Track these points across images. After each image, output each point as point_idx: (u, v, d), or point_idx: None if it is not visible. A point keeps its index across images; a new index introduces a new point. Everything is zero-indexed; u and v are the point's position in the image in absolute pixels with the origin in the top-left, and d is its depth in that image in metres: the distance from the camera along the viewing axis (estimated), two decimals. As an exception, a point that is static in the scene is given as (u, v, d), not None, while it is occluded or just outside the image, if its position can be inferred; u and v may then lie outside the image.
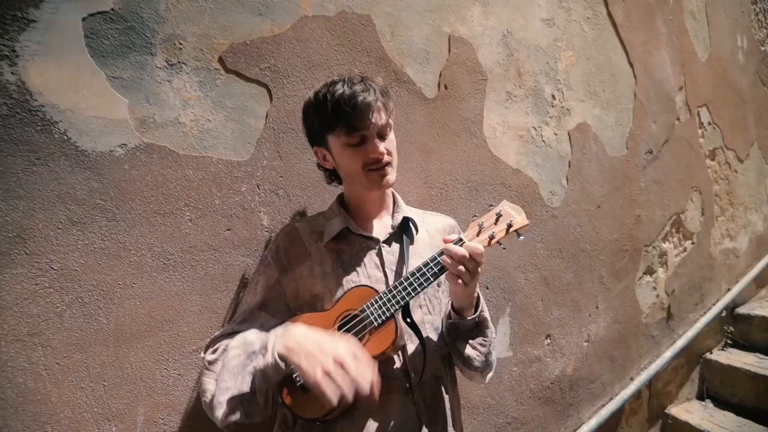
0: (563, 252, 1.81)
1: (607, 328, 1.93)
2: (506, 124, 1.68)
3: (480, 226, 0.91)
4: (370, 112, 0.91)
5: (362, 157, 0.95)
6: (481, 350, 0.99)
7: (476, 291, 0.95)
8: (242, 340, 0.89)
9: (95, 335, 1.01)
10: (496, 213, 0.91)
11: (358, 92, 0.91)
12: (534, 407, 1.70)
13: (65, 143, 0.98)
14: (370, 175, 0.97)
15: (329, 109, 0.92)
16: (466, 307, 0.95)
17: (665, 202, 2.21)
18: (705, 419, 2.12)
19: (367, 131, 0.93)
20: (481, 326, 0.99)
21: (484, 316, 1.00)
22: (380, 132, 0.96)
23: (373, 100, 0.92)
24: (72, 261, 0.99)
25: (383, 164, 0.96)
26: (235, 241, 1.15)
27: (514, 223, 0.90)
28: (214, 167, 1.13)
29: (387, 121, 0.96)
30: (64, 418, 0.98)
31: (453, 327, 0.98)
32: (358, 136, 0.94)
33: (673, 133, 2.28)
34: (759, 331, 2.42)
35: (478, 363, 0.98)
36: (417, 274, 0.89)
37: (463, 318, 0.96)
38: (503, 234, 0.90)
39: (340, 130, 0.93)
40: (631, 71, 2.11)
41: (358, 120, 0.91)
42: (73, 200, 0.99)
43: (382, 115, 0.94)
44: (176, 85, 1.10)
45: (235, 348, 0.88)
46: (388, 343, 0.86)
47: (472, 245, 0.85)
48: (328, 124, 0.95)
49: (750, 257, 2.70)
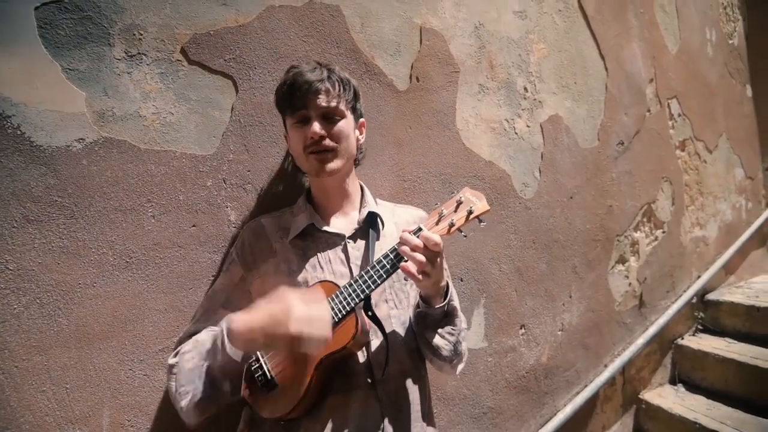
0: (536, 243, 1.83)
1: (580, 317, 1.97)
2: (479, 117, 1.68)
3: (440, 215, 0.89)
4: (311, 93, 0.93)
5: (302, 137, 0.96)
6: (450, 339, 0.97)
7: (444, 280, 0.94)
8: (194, 342, 0.90)
9: (55, 337, 0.98)
10: (457, 200, 0.90)
11: (305, 71, 0.94)
12: (509, 396, 1.72)
13: (19, 138, 0.94)
14: (309, 159, 0.97)
15: (280, 91, 0.98)
16: (433, 296, 0.93)
17: (636, 192, 2.26)
18: (677, 403, 2.18)
19: (307, 111, 0.95)
20: (450, 315, 0.98)
21: (453, 305, 0.98)
22: (325, 114, 0.96)
23: (316, 80, 0.93)
24: (29, 260, 0.95)
25: (322, 148, 0.95)
26: (201, 237, 1.13)
27: (474, 210, 0.88)
28: (177, 162, 1.10)
29: (335, 105, 0.96)
30: (25, 422, 0.94)
31: (421, 316, 0.97)
32: (300, 116, 0.97)
33: (643, 124, 2.32)
34: (728, 316, 2.51)
35: (446, 352, 0.97)
36: (377, 266, 0.87)
37: (431, 307, 0.94)
38: (463, 221, 0.88)
39: (289, 111, 0.98)
40: (602, 63, 2.14)
41: (298, 99, 0.94)
42: (28, 197, 0.95)
43: (325, 97, 0.95)
44: (136, 77, 1.06)
45: (188, 352, 0.88)
46: (349, 338, 0.84)
47: (428, 234, 0.83)
48: (281, 105, 1.01)
49: (719, 245, 2.79)
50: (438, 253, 0.84)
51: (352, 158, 1.04)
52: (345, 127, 0.99)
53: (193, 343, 0.90)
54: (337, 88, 0.96)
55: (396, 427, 0.92)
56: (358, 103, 1.05)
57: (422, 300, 0.96)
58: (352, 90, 1.02)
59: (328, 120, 0.96)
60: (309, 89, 0.93)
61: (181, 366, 0.87)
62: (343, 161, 0.99)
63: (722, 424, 1.95)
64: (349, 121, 1.01)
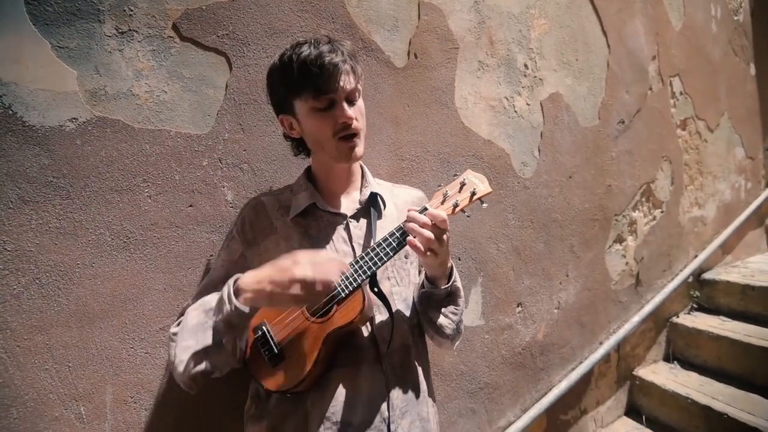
0: (534, 222, 1.83)
1: (577, 296, 1.99)
2: (478, 95, 1.66)
3: (444, 195, 0.92)
4: (338, 74, 0.87)
5: (331, 122, 0.91)
6: (453, 318, 1.01)
7: (449, 262, 0.96)
8: (200, 302, 0.91)
9: (56, 316, 0.99)
10: (460, 182, 0.92)
11: (325, 53, 0.87)
12: (506, 372, 1.75)
13: (11, 118, 0.93)
14: (339, 145, 0.93)
15: (295, 72, 0.88)
16: (439, 277, 0.97)
17: (636, 171, 2.25)
18: (670, 379, 2.22)
19: (335, 94, 0.89)
20: (453, 296, 1.02)
21: (457, 286, 1.01)
22: (348, 97, 0.92)
23: (341, 61, 0.88)
24: (26, 241, 0.95)
25: (353, 132, 0.93)
26: (198, 217, 1.13)
27: (477, 192, 0.90)
28: (172, 141, 1.09)
29: (355, 86, 0.93)
30: (29, 400, 0.96)
31: (426, 296, 1.00)
32: (327, 100, 0.90)
33: (645, 102, 2.29)
34: (723, 295, 2.53)
35: (449, 331, 1.01)
36: (383, 244, 0.89)
37: (436, 287, 0.97)
38: (467, 202, 0.91)
39: (308, 94, 0.89)
40: (604, 40, 2.09)
41: (326, 82, 0.87)
42: (23, 178, 0.95)
43: (350, 78, 0.91)
44: (128, 55, 1.04)
45: (193, 310, 0.89)
46: (356, 313, 0.86)
47: (434, 212, 0.85)
48: (294, 87, 0.90)
49: (717, 225, 2.79)
50: (444, 230, 0.86)
51: None
52: (362, 107, 0.97)
53: (199, 303, 0.91)
54: (356, 67, 0.92)
55: (402, 399, 0.94)
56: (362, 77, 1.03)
57: (428, 280, 0.99)
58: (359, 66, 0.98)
59: (350, 101, 0.93)
60: (336, 72, 0.87)
61: (185, 323, 0.88)
62: (365, 143, 0.98)
63: (714, 399, 1.99)
64: (362, 98, 0.98)
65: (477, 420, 1.67)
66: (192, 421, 1.13)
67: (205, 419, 1.14)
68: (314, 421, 0.88)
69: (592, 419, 2.10)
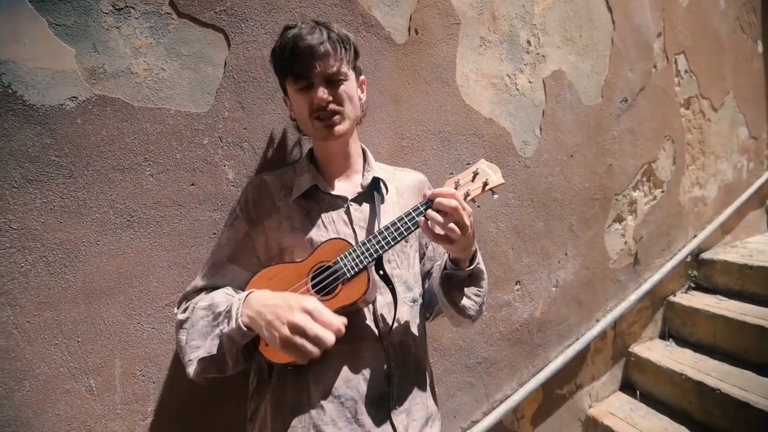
0: (534, 201, 1.84)
1: (575, 274, 2.01)
2: (480, 72, 1.64)
3: (456, 183, 0.92)
4: (313, 58, 0.91)
5: (308, 103, 0.94)
6: (476, 300, 1.04)
7: (473, 246, 0.97)
8: (209, 301, 0.92)
9: (64, 293, 1.01)
10: (473, 171, 0.93)
11: (302, 36, 0.91)
12: (503, 348, 1.79)
13: (11, 97, 0.93)
14: (316, 125, 0.96)
15: (279, 57, 0.94)
16: (463, 260, 0.98)
17: (638, 151, 2.24)
18: (665, 356, 2.27)
19: (311, 77, 0.93)
20: (476, 277, 1.03)
21: (480, 268, 1.03)
22: (329, 78, 0.94)
23: (317, 44, 0.90)
24: (32, 220, 0.97)
25: (329, 114, 0.95)
26: (200, 196, 1.14)
27: (489, 182, 0.91)
28: (172, 119, 1.09)
29: (338, 68, 0.94)
30: (41, 373, 1.00)
31: (448, 277, 1.02)
32: (304, 82, 0.94)
33: (649, 81, 2.26)
34: (721, 274, 2.55)
35: (472, 312, 1.03)
36: (391, 228, 0.90)
37: (460, 269, 0.99)
38: (479, 192, 0.91)
39: (290, 77, 0.95)
40: (609, 16, 2.05)
41: (301, 65, 0.92)
42: (26, 157, 0.95)
43: (330, 61, 0.92)
44: (125, 32, 1.03)
45: (202, 309, 0.91)
46: (360, 293, 0.88)
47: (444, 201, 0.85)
48: (280, 71, 0.98)
49: (718, 205, 2.79)
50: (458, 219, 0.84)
51: (357, 119, 1.03)
52: (348, 88, 0.97)
53: (209, 301, 0.92)
54: (338, 49, 0.94)
55: (401, 376, 0.98)
56: (358, 60, 1.03)
57: (450, 261, 1.00)
58: (353, 48, 0.99)
59: (331, 83, 0.95)
60: (311, 54, 0.90)
61: (194, 321, 0.90)
62: (349, 123, 0.99)
63: (707, 375, 2.03)
64: (352, 81, 0.99)
65: (475, 393, 1.72)
66: (199, 393, 1.16)
67: (212, 391, 1.18)
68: (315, 395, 0.91)
69: (587, 394, 2.16)
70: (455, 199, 0.84)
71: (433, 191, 0.87)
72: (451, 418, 1.67)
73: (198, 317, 0.90)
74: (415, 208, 0.90)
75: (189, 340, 0.89)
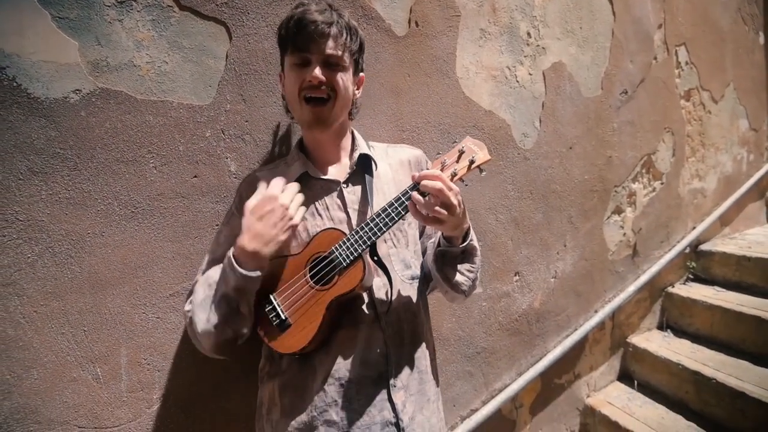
0: (534, 193, 1.85)
1: (574, 265, 2.03)
2: (479, 64, 1.65)
3: (442, 164, 0.92)
4: (316, 34, 0.91)
5: (300, 79, 0.94)
6: (469, 276, 1.05)
7: (466, 223, 0.98)
8: (204, 278, 0.96)
9: (70, 283, 1.03)
10: (459, 149, 0.92)
11: (310, 12, 0.91)
12: (502, 338, 1.81)
13: (16, 90, 0.94)
14: (303, 107, 0.96)
15: (283, 28, 0.94)
16: (456, 237, 0.99)
17: (637, 143, 2.25)
18: (663, 347, 2.29)
19: (310, 54, 0.93)
20: (469, 254, 1.04)
21: (473, 245, 1.04)
22: (328, 61, 0.94)
23: (324, 23, 0.90)
24: (38, 212, 0.98)
25: (319, 95, 0.95)
26: (203, 188, 1.15)
27: (476, 159, 0.90)
28: (175, 112, 1.11)
29: (340, 53, 0.94)
30: (48, 362, 1.02)
31: (441, 253, 1.03)
32: (301, 57, 0.94)
33: (649, 72, 2.26)
34: (719, 266, 2.57)
35: (465, 287, 1.04)
36: (382, 214, 0.91)
37: (452, 245, 1.00)
38: (465, 170, 0.90)
39: (289, 49, 0.95)
40: (610, 7, 2.05)
41: (302, 38, 0.92)
42: (31, 150, 0.97)
43: (331, 43, 0.92)
44: (128, 25, 1.04)
45: (199, 286, 0.95)
46: (356, 281, 0.90)
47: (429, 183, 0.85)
48: (281, 43, 0.98)
49: (717, 197, 2.80)
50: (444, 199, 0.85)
51: (346, 112, 1.04)
52: (345, 78, 0.97)
53: (204, 279, 0.96)
54: (344, 35, 0.94)
55: (398, 354, 1.00)
56: (361, 56, 1.03)
57: (444, 238, 1.02)
58: (359, 41, 0.99)
59: (329, 67, 0.95)
60: (315, 30, 0.90)
61: (195, 300, 0.94)
62: (338, 115, 0.99)
63: (704, 365, 2.06)
64: (349, 73, 0.99)
65: (474, 382, 1.75)
66: (204, 380, 1.19)
67: (216, 379, 1.20)
68: (320, 378, 0.95)
69: (585, 383, 2.19)
70: (440, 180, 0.85)
71: (420, 174, 0.87)
72: (450, 406, 1.69)
73: (197, 294, 0.95)
74: (404, 192, 0.90)
75: (197, 317, 0.91)
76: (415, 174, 0.88)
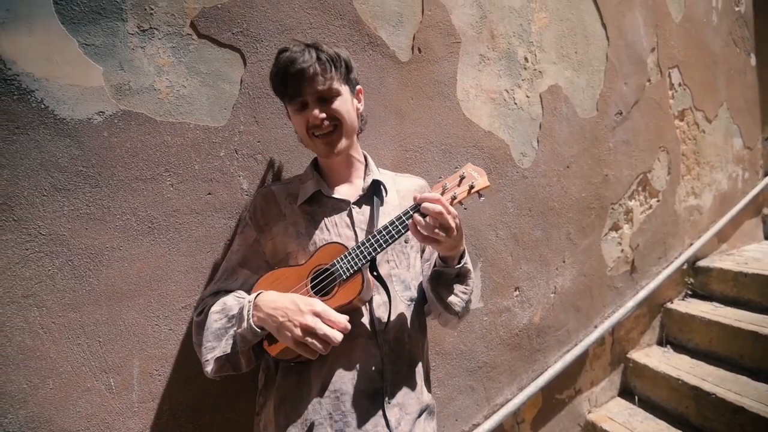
0: (532, 210, 1.90)
1: (573, 281, 2.07)
2: (479, 87, 1.72)
3: (444, 187, 0.96)
4: (303, 79, 0.96)
5: (304, 120, 1.01)
6: (462, 297, 1.08)
7: (461, 246, 1.02)
8: (222, 305, 0.99)
9: (87, 295, 1.07)
10: (460, 175, 0.97)
11: (293, 59, 0.96)
12: (503, 353, 1.84)
13: (43, 112, 1.00)
14: (315, 141, 1.03)
15: (274, 80, 1.01)
16: (452, 258, 1.03)
17: (633, 161, 2.31)
18: (662, 362, 2.31)
19: (303, 97, 0.99)
20: (462, 276, 1.08)
21: (467, 268, 1.08)
22: (322, 96, 0.99)
23: (306, 66, 0.95)
24: (59, 226, 1.03)
25: (325, 131, 1.01)
26: (216, 204, 1.20)
27: (476, 185, 0.96)
28: (191, 133, 1.17)
29: (329, 86, 0.99)
30: (64, 372, 1.05)
31: (437, 274, 1.07)
32: (298, 103, 1.00)
33: (643, 94, 2.34)
34: (717, 282, 2.60)
35: (458, 308, 1.07)
36: (383, 231, 0.95)
37: (448, 267, 1.04)
38: (465, 194, 0.95)
39: (286, 99, 1.02)
40: (604, 33, 2.14)
41: (293, 87, 0.98)
42: (55, 168, 1.02)
43: (320, 79, 0.97)
44: (149, 52, 1.11)
45: (216, 313, 0.98)
46: (355, 293, 0.94)
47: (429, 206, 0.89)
48: (277, 93, 1.05)
49: (713, 214, 2.85)
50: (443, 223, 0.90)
51: (355, 132, 1.09)
52: (343, 104, 1.02)
53: (221, 305, 0.99)
54: (328, 68, 0.98)
55: (394, 371, 1.02)
56: (351, 74, 1.07)
57: (440, 259, 1.06)
58: (343, 64, 1.03)
59: (325, 102, 1.00)
60: (302, 77, 0.95)
61: (209, 325, 0.97)
62: (348, 138, 1.05)
63: (703, 380, 2.08)
64: (346, 96, 1.03)
65: (475, 397, 1.77)
66: (212, 391, 1.22)
67: (223, 390, 1.23)
68: (315, 390, 0.97)
69: (586, 399, 2.20)
70: (440, 203, 0.89)
71: (421, 196, 0.92)
72: (452, 420, 1.71)
73: (213, 320, 0.97)
74: (405, 212, 0.94)
75: (205, 342, 0.96)
76: (417, 195, 0.91)
